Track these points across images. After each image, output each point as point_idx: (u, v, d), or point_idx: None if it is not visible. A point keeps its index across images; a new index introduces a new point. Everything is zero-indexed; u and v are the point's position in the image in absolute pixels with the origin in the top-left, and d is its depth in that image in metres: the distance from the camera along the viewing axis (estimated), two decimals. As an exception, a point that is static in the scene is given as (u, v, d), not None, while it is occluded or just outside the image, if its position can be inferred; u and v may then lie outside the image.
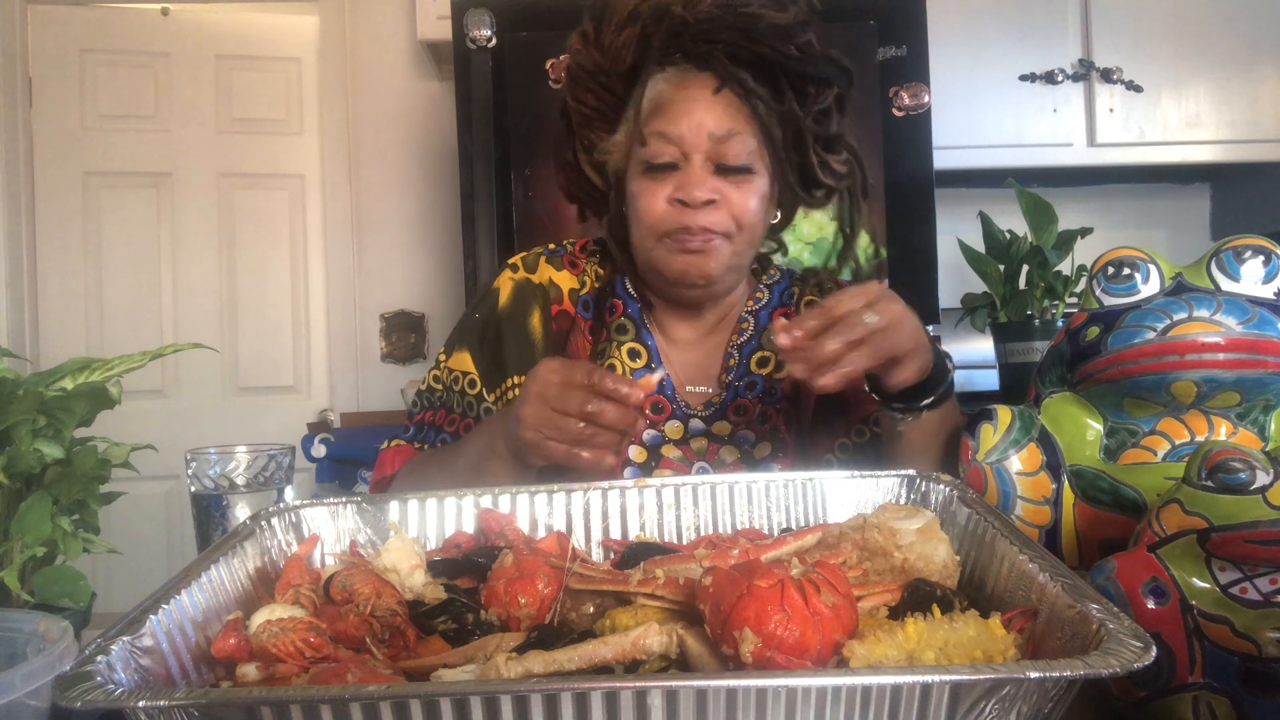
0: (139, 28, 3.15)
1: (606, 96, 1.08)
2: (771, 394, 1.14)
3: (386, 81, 3.14)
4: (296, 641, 0.55)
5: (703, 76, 1.03)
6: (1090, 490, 0.78)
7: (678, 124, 1.01)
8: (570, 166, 1.16)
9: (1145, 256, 0.80)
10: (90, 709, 0.43)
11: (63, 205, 3.11)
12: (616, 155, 1.10)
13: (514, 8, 2.29)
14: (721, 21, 1.01)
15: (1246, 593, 0.53)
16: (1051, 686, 0.45)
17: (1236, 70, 2.75)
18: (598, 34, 1.06)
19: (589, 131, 1.11)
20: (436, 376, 1.16)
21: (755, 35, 1.00)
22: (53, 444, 0.77)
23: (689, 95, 1.02)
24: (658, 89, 1.05)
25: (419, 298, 3.18)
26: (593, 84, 1.08)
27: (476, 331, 1.15)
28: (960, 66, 2.66)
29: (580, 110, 1.10)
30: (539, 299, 1.15)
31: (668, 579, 0.59)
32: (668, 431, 1.12)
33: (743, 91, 1.01)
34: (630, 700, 0.43)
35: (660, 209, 1.03)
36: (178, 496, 3.05)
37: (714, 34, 1.01)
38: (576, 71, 1.09)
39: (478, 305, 1.17)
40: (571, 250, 1.20)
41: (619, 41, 1.04)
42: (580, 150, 1.14)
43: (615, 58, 1.05)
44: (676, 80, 1.04)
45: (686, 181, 1.02)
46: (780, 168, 1.06)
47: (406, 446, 1.13)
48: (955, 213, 2.53)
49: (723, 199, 1.02)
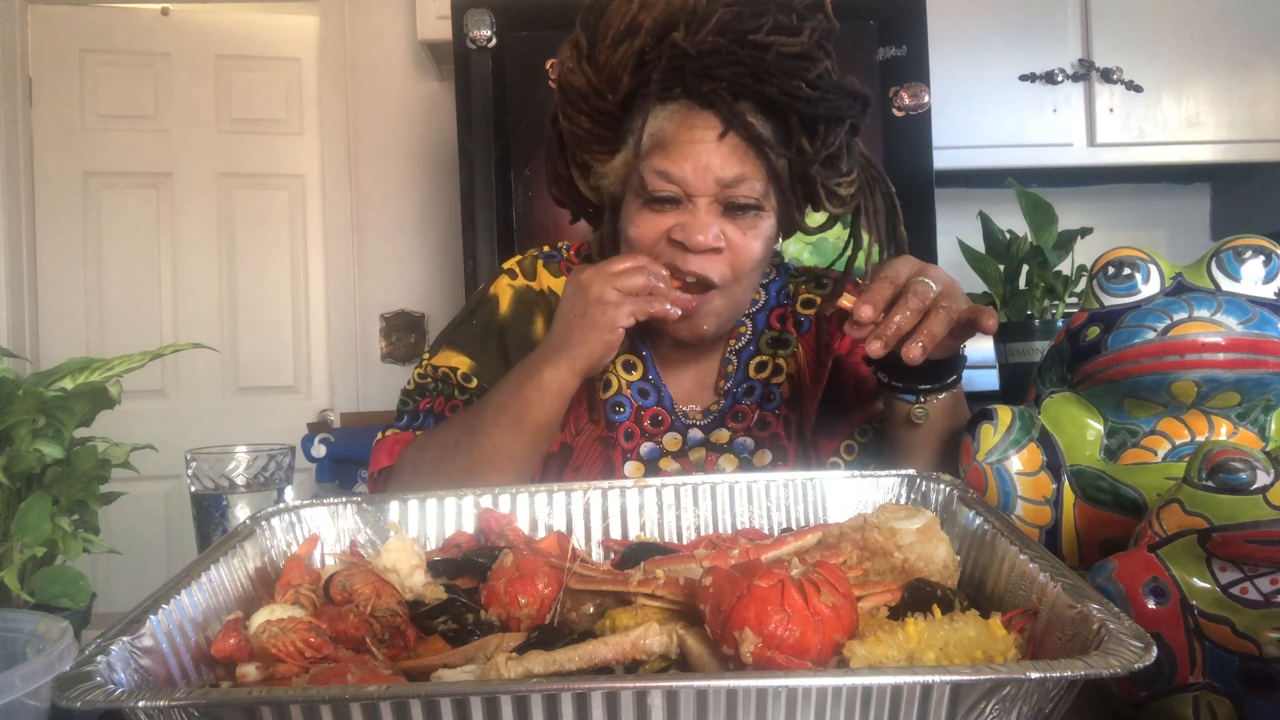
0: (139, 28, 3.15)
1: (603, 119, 1.01)
2: (770, 399, 1.12)
3: (386, 81, 3.14)
4: (296, 642, 0.55)
5: (706, 115, 0.95)
6: (1090, 490, 0.78)
7: (681, 166, 0.94)
8: (563, 179, 1.10)
9: (1145, 256, 0.80)
10: (90, 709, 0.43)
11: (63, 205, 3.11)
12: (612, 179, 1.03)
13: (514, 8, 2.29)
14: (726, 55, 0.93)
15: (1247, 593, 0.53)
16: (1052, 687, 0.45)
17: (1236, 70, 2.75)
18: (591, 48, 0.99)
19: (583, 153, 1.05)
20: (422, 374, 1.12)
21: (761, 73, 0.92)
22: (53, 444, 0.77)
23: (693, 137, 0.95)
24: (659, 125, 0.97)
25: (419, 298, 3.18)
26: (586, 106, 1.01)
27: (477, 337, 1.11)
28: (960, 66, 2.66)
29: (574, 132, 1.03)
30: (541, 307, 1.12)
31: (668, 579, 0.59)
32: (666, 444, 1.10)
33: (748, 136, 0.94)
34: (630, 700, 0.43)
35: (656, 245, 0.97)
36: (178, 496, 3.05)
37: (716, 70, 0.93)
38: (569, 91, 1.01)
39: (474, 311, 1.14)
40: (567, 256, 1.17)
41: (615, 59, 0.97)
42: (574, 168, 1.08)
43: (611, 79, 0.98)
44: (679, 118, 0.96)
45: (690, 224, 0.95)
46: (786, 203, 1.01)
47: (405, 434, 1.07)
48: (955, 213, 2.53)
49: (727, 244, 0.97)
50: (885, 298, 0.85)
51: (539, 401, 0.93)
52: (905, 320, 0.83)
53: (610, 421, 1.09)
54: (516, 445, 0.95)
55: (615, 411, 1.09)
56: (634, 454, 1.09)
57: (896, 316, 0.83)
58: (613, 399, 1.09)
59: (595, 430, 1.09)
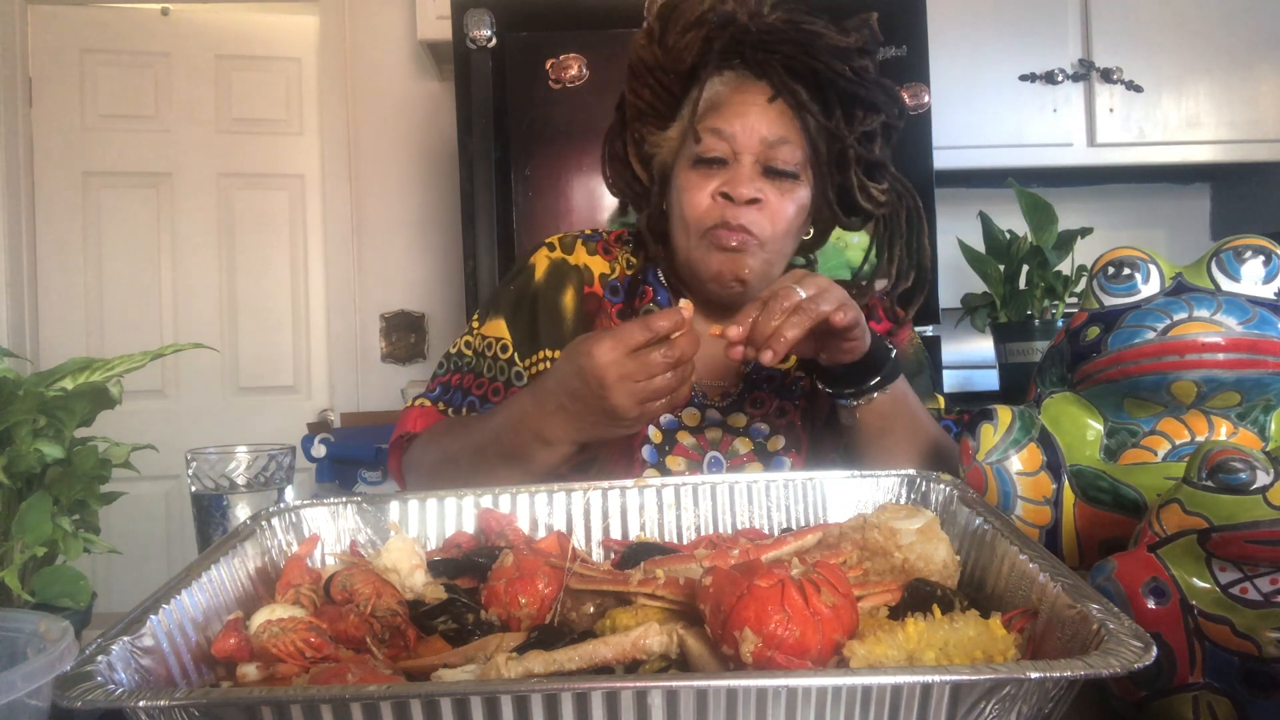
0: (139, 28, 3.15)
1: (663, 93, 1.11)
2: (789, 390, 1.16)
3: (386, 81, 3.14)
4: (297, 641, 0.55)
5: (759, 84, 1.06)
6: (1090, 490, 0.78)
7: (731, 123, 1.05)
8: (618, 159, 1.20)
9: (1145, 256, 0.80)
10: (90, 709, 0.43)
11: (63, 205, 3.11)
12: (666, 150, 1.13)
13: (514, 8, 2.29)
14: (783, 34, 1.05)
15: (1247, 593, 0.53)
16: (1052, 687, 0.45)
17: (1236, 70, 2.75)
18: (663, 33, 1.09)
19: (641, 125, 1.14)
20: (468, 342, 1.18)
21: (812, 51, 1.04)
22: (53, 444, 0.77)
23: (745, 99, 1.06)
24: (715, 90, 1.08)
25: (419, 298, 3.18)
26: (651, 79, 1.11)
27: (511, 301, 1.18)
28: (960, 66, 2.66)
29: (636, 104, 1.13)
30: (574, 279, 1.18)
31: (668, 579, 0.59)
32: (684, 418, 1.14)
33: (795, 103, 1.05)
34: (630, 700, 0.43)
35: (704, 202, 1.06)
36: (178, 496, 3.05)
37: (773, 44, 1.05)
38: (637, 66, 1.12)
39: (513, 278, 1.20)
40: (606, 239, 1.23)
41: (682, 43, 1.07)
42: (630, 144, 1.17)
43: (677, 57, 1.08)
44: (734, 84, 1.08)
45: (735, 178, 1.04)
46: (821, 183, 1.08)
47: (431, 409, 1.14)
48: (955, 213, 2.53)
49: (765, 200, 1.05)
50: (752, 314, 0.88)
51: (542, 456, 0.96)
52: (767, 326, 0.87)
53: None
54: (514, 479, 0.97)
55: None
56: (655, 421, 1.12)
57: (759, 323, 0.87)
58: None
59: None
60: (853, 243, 2.07)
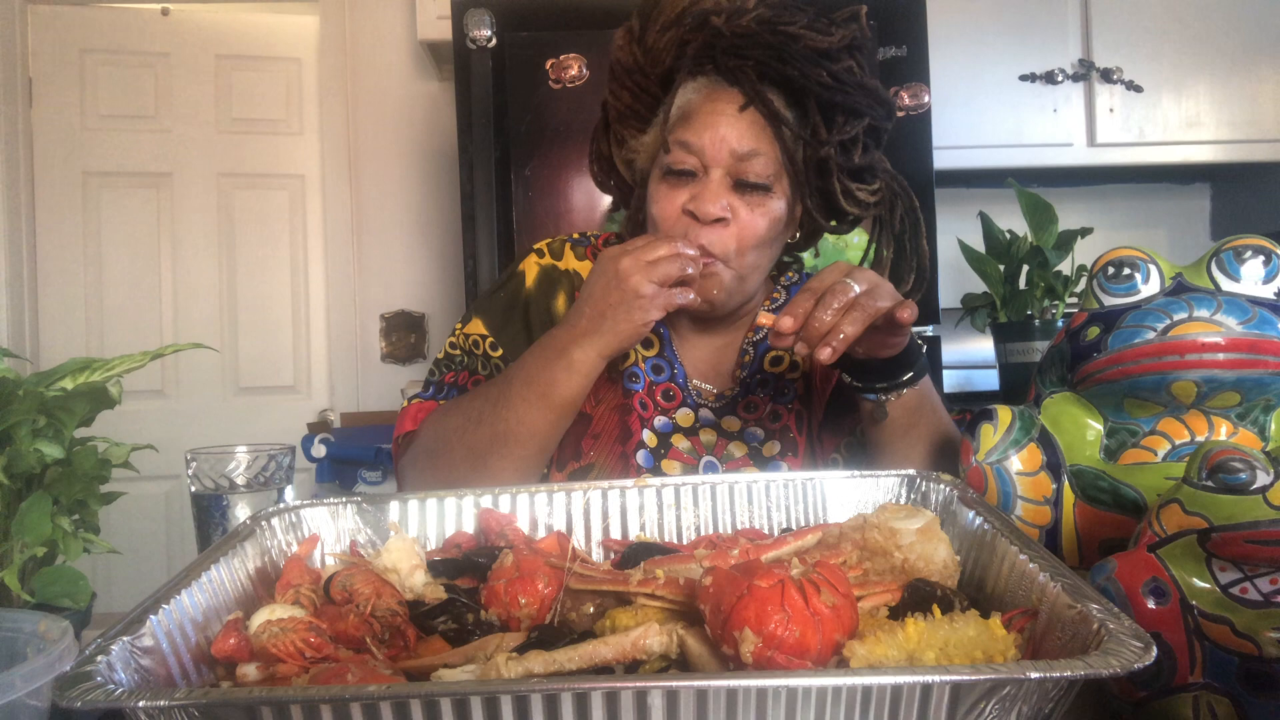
0: (139, 28, 3.15)
1: (642, 96, 1.10)
2: (784, 394, 1.15)
3: (386, 81, 3.14)
4: (297, 641, 0.55)
5: (731, 91, 1.02)
6: (1090, 490, 0.78)
7: (700, 135, 1.01)
8: (604, 158, 1.19)
9: (1145, 256, 0.80)
10: (90, 709, 0.43)
11: (63, 205, 3.11)
12: (643, 156, 1.11)
13: (514, 8, 2.29)
14: (756, 39, 1.00)
15: (1247, 593, 0.53)
16: (1052, 687, 0.45)
17: (1236, 70, 2.76)
18: (642, 32, 1.07)
19: (622, 127, 1.13)
20: (453, 344, 1.18)
21: (787, 56, 0.99)
22: (53, 444, 0.77)
23: (716, 108, 1.02)
24: (687, 97, 1.04)
25: (419, 298, 3.18)
26: (629, 81, 1.09)
27: (501, 308, 1.17)
28: (960, 66, 2.66)
29: (616, 106, 1.12)
30: (564, 285, 1.17)
31: (668, 579, 0.59)
32: (678, 419, 1.14)
33: (767, 113, 1.00)
34: (630, 700, 0.43)
35: (673, 216, 1.03)
36: (178, 496, 3.05)
37: (746, 50, 1.00)
38: (616, 67, 1.10)
39: (503, 285, 1.20)
40: (595, 243, 1.22)
41: (661, 43, 1.05)
42: (614, 145, 1.16)
43: (655, 58, 1.06)
44: (706, 91, 1.04)
45: (701, 195, 1.01)
46: (799, 191, 1.05)
47: (429, 403, 1.13)
48: (955, 213, 2.53)
49: (734, 217, 1.01)
50: (805, 307, 0.87)
51: (566, 380, 0.96)
52: (824, 322, 0.85)
53: (626, 389, 1.12)
54: (540, 420, 0.98)
55: (630, 381, 1.12)
56: (649, 423, 1.12)
57: (815, 319, 0.85)
58: (629, 370, 1.12)
59: (613, 399, 1.12)
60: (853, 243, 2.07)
